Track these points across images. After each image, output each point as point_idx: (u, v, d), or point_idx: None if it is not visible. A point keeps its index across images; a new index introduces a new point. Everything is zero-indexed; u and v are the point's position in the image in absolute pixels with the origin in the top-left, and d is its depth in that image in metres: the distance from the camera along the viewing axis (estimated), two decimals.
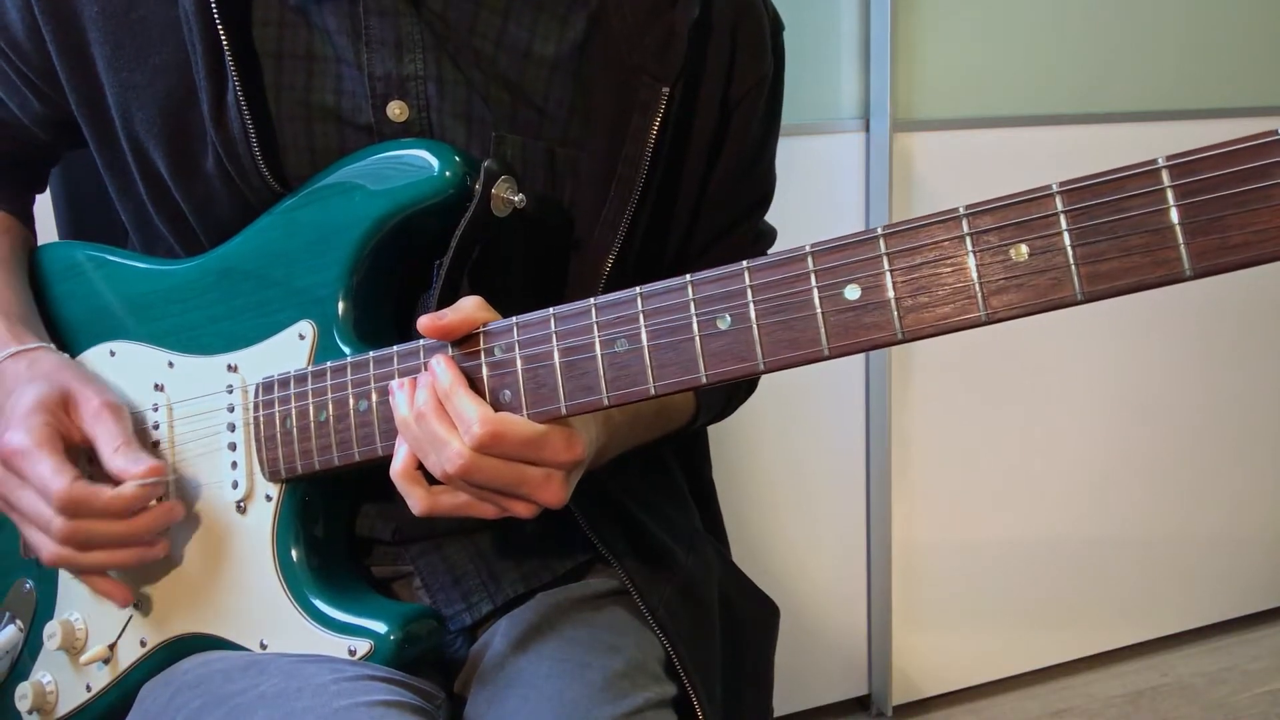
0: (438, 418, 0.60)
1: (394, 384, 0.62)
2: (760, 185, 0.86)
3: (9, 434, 0.67)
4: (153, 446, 0.74)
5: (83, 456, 0.70)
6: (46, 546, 0.67)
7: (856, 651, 1.78)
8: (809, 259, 0.53)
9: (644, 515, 0.81)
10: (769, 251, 0.87)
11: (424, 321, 0.61)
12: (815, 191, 1.57)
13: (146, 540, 0.69)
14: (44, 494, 0.66)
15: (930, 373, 1.70)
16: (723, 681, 0.83)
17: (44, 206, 0.95)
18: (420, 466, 0.62)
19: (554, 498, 0.61)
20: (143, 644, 0.73)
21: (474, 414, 0.58)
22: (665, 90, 0.72)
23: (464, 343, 0.62)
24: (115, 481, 0.67)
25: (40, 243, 0.87)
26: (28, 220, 0.88)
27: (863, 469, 1.71)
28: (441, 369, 0.61)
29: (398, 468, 0.62)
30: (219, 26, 0.68)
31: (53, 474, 0.65)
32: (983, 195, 0.50)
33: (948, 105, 1.62)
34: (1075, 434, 1.83)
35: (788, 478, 1.67)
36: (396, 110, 0.71)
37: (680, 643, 0.76)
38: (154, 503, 0.70)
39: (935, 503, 1.76)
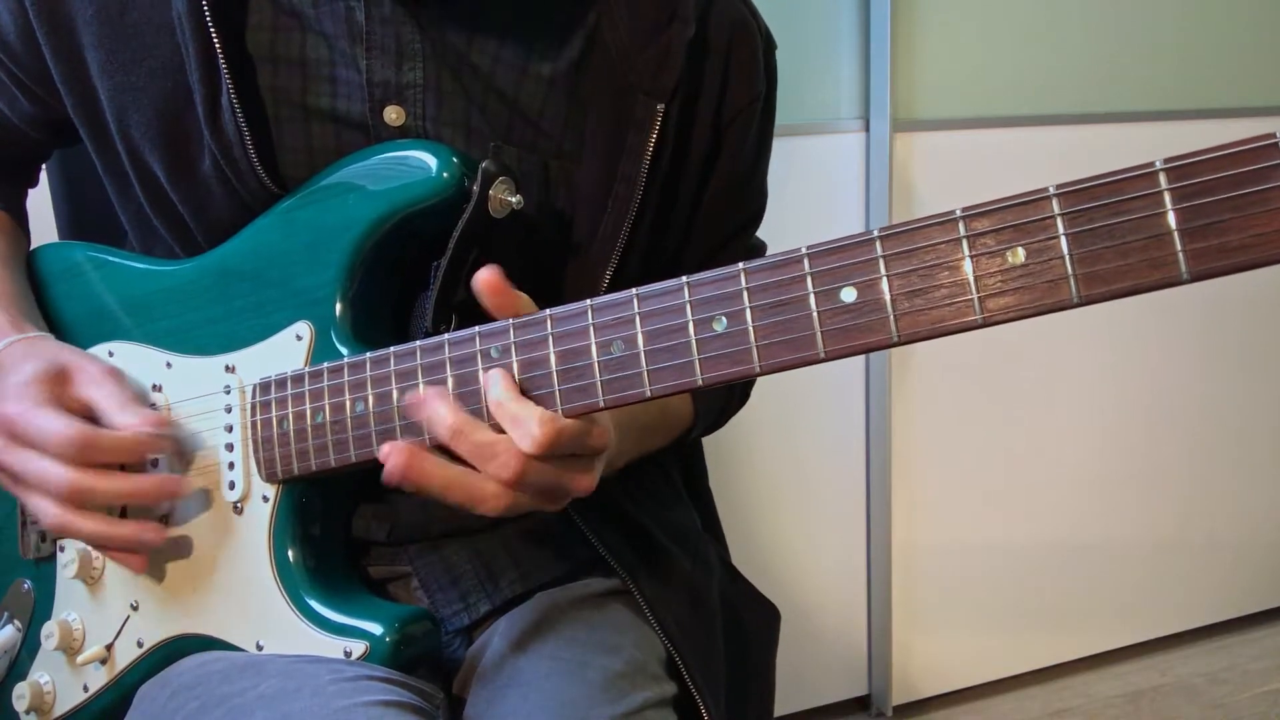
0: (479, 430, 0.59)
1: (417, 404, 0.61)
2: (753, 203, 0.87)
3: (6, 404, 0.67)
4: None
5: None
6: (48, 511, 0.66)
7: (856, 651, 1.78)
8: (805, 261, 0.53)
9: (646, 519, 0.81)
10: None
11: (485, 276, 0.59)
12: (815, 191, 1.57)
13: (147, 509, 0.69)
14: (48, 443, 0.65)
15: (930, 373, 1.70)
16: (726, 685, 0.83)
17: (44, 206, 0.95)
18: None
19: (588, 486, 0.61)
20: (140, 644, 0.73)
21: (532, 416, 0.57)
22: (661, 107, 0.72)
23: (461, 343, 0.62)
24: None
25: (42, 243, 0.87)
26: (21, 217, 0.89)
27: (863, 469, 1.71)
28: (494, 381, 0.60)
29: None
30: (211, 29, 0.68)
31: (56, 420, 0.65)
32: (983, 195, 0.50)
33: (948, 105, 1.62)
34: (1075, 434, 1.83)
35: (788, 478, 1.67)
36: (393, 114, 0.71)
37: (689, 654, 0.76)
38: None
39: (935, 503, 1.76)
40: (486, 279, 0.59)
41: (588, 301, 0.58)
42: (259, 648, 0.69)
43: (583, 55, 0.74)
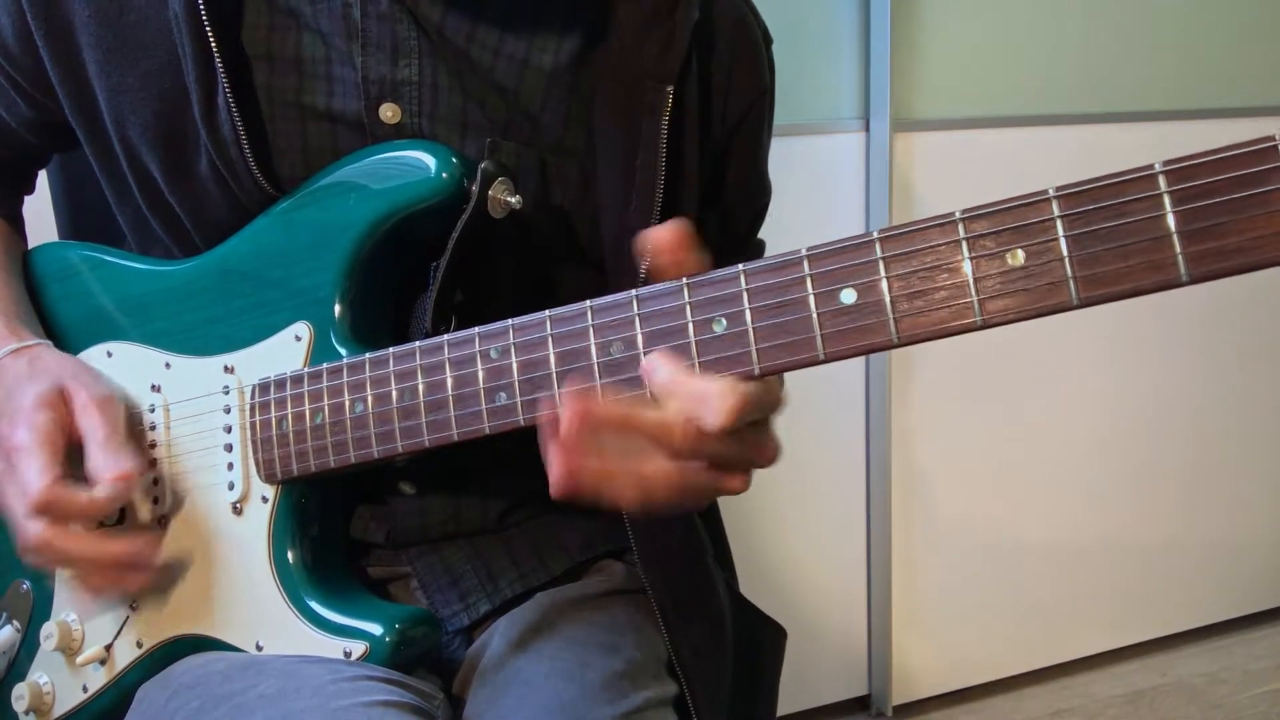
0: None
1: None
2: (761, 199, 0.87)
3: (13, 431, 0.67)
4: (149, 447, 0.74)
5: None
6: (26, 550, 0.67)
7: (856, 651, 1.78)
8: (804, 262, 0.53)
9: (687, 542, 0.81)
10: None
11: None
12: (815, 191, 1.57)
13: (145, 510, 0.69)
14: (24, 495, 0.65)
15: (930, 373, 1.70)
16: (732, 703, 0.82)
17: (45, 209, 0.95)
18: None
19: (772, 455, 0.57)
20: (139, 645, 0.73)
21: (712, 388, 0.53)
22: (669, 90, 0.72)
23: (460, 344, 0.62)
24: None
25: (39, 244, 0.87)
26: (17, 223, 0.88)
27: (863, 469, 1.71)
28: (656, 365, 0.55)
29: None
30: (207, 29, 0.68)
31: (36, 474, 0.65)
32: (983, 195, 0.50)
33: (948, 105, 1.62)
34: (1075, 434, 1.83)
35: (788, 478, 1.66)
36: (389, 112, 0.71)
37: (698, 686, 0.76)
38: (143, 511, 0.71)
39: (935, 503, 1.76)
40: (661, 238, 0.55)
41: (587, 303, 0.58)
42: (259, 648, 0.69)
43: (584, 47, 0.74)
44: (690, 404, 0.53)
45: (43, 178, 0.93)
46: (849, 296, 0.52)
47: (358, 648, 0.66)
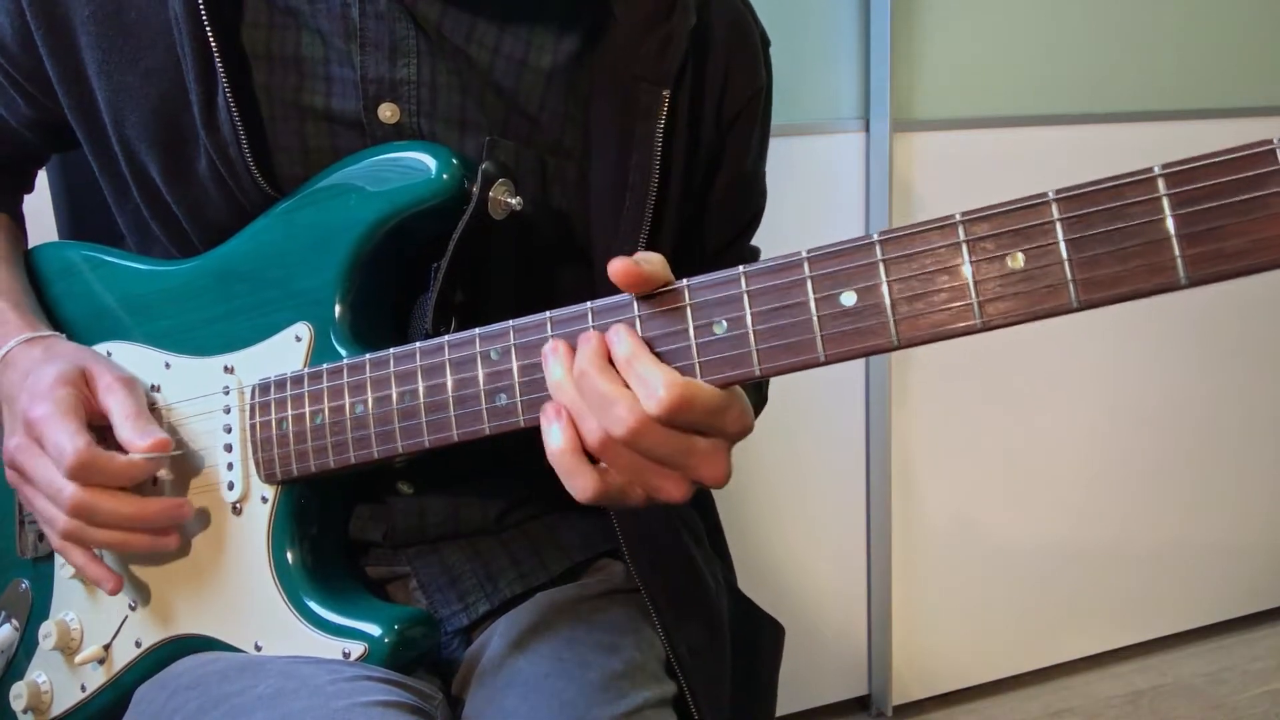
0: (604, 377, 0.55)
1: (546, 349, 0.58)
2: (755, 203, 0.87)
3: (34, 405, 0.68)
4: None
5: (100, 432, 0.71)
6: (57, 519, 0.67)
7: (856, 651, 1.78)
8: (805, 265, 0.53)
9: (683, 538, 0.81)
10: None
11: (617, 265, 0.54)
12: (815, 192, 1.57)
13: (155, 528, 0.69)
14: (58, 458, 0.66)
15: (930, 373, 1.70)
16: (731, 706, 0.83)
17: (45, 207, 0.95)
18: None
19: (718, 473, 0.56)
20: (138, 644, 0.73)
21: (659, 378, 0.53)
22: (666, 94, 0.72)
23: (460, 345, 0.62)
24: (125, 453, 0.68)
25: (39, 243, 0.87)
26: (19, 220, 0.89)
27: (863, 469, 1.71)
28: (621, 337, 0.55)
29: (560, 445, 0.56)
30: (207, 28, 0.68)
31: (69, 437, 0.66)
32: (982, 195, 0.50)
33: (948, 105, 1.62)
34: (1075, 435, 1.83)
35: (788, 478, 1.67)
36: (388, 112, 0.71)
37: (698, 682, 0.76)
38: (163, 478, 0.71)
39: (935, 503, 1.76)
40: (619, 271, 0.55)
41: (588, 304, 0.58)
42: (258, 648, 0.69)
43: (582, 48, 0.74)
44: (636, 383, 0.54)
45: (42, 178, 0.93)
46: (849, 299, 0.52)
47: (356, 648, 0.66)
